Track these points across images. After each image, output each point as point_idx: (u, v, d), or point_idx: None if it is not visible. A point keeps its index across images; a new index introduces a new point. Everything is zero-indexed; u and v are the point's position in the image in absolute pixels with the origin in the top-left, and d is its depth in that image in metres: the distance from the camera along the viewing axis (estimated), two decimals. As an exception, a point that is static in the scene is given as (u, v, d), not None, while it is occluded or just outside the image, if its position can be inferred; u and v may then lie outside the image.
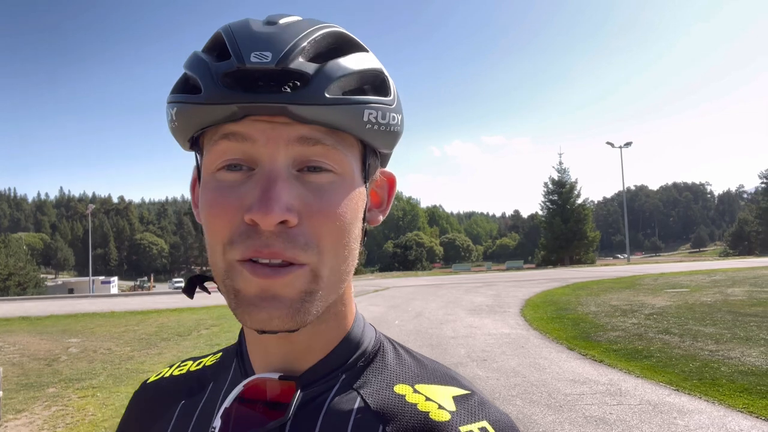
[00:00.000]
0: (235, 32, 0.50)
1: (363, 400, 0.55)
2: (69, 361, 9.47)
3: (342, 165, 0.52)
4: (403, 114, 0.57)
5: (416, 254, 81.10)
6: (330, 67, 0.49)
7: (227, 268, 0.50)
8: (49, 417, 6.16)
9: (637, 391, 6.11)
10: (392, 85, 0.56)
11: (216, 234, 0.50)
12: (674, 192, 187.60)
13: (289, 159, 0.50)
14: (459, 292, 20.34)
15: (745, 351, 7.64)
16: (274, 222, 0.47)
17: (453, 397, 0.55)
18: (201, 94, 0.49)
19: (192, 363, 0.71)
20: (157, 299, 24.24)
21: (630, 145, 55.92)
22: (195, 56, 0.52)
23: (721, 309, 11.72)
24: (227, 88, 0.48)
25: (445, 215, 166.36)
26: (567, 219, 53.66)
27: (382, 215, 0.61)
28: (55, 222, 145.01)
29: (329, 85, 0.48)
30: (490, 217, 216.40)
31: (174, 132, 0.54)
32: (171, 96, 0.53)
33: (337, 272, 0.52)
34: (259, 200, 0.47)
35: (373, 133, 0.53)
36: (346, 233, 0.52)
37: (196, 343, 10.81)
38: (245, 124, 0.49)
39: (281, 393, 0.56)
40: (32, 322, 15.63)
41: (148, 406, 0.67)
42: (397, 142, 0.58)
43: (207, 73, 0.49)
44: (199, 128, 0.51)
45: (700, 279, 19.61)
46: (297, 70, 0.48)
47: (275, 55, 0.47)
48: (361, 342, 0.60)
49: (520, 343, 9.34)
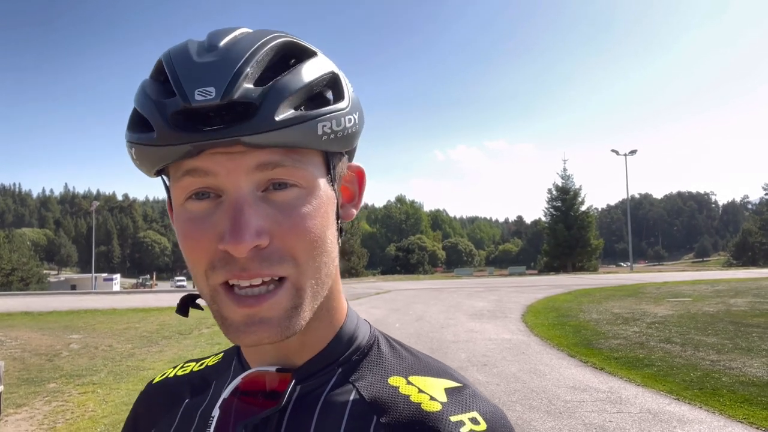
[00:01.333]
0: (176, 64, 0.50)
1: (358, 393, 0.57)
2: (70, 357, 9.50)
3: (305, 179, 0.52)
4: (360, 109, 0.57)
5: (418, 258, 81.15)
6: (277, 88, 0.49)
7: (212, 293, 0.52)
8: (50, 412, 6.18)
9: (637, 400, 6.10)
10: (345, 84, 0.55)
11: (196, 263, 0.52)
12: (678, 201, 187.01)
13: (251, 185, 0.50)
14: (460, 296, 20.32)
15: (746, 362, 7.61)
16: (246, 249, 0.49)
17: (445, 389, 0.57)
18: (155, 135, 0.49)
19: (195, 364, 0.74)
20: (159, 297, 24.29)
21: (635, 152, 55.82)
22: (142, 92, 0.52)
23: (724, 319, 11.68)
24: (178, 128, 0.48)
25: (448, 219, 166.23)
26: (570, 226, 53.56)
27: (354, 209, 0.62)
28: (59, 218, 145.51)
29: (278, 106, 0.48)
30: (493, 222, 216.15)
31: (138, 167, 0.55)
32: (127, 134, 0.53)
33: (318, 280, 0.54)
34: (230, 231, 0.49)
35: (329, 142, 0.53)
36: (319, 242, 0.53)
37: (197, 342, 10.83)
38: (204, 159, 0.50)
39: (279, 384, 0.58)
40: (34, 318, 15.68)
41: (153, 406, 0.69)
42: (358, 138, 0.58)
43: (156, 113, 0.49)
44: (159, 165, 0.52)
45: (703, 289, 19.54)
46: (242, 100, 0.48)
47: (218, 89, 0.47)
48: (356, 337, 0.62)
49: (521, 348, 9.32)
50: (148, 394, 0.72)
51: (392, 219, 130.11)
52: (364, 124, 0.59)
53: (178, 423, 0.64)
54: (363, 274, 54.70)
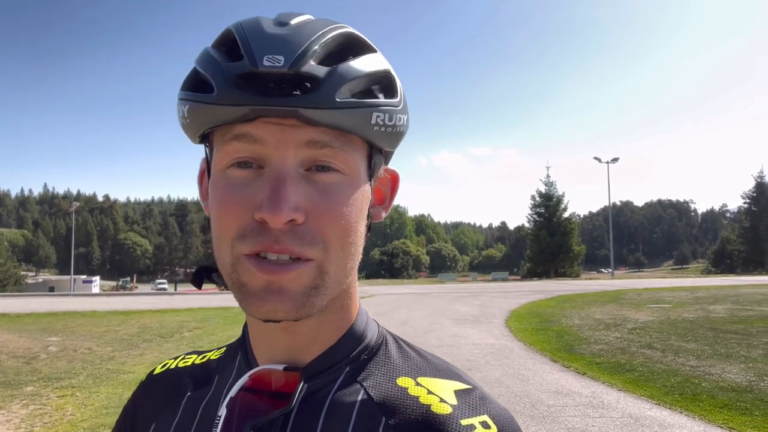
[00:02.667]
0: (248, 32, 0.51)
1: (366, 393, 0.56)
2: (48, 360, 9.32)
3: (349, 165, 0.53)
4: (408, 114, 0.58)
5: (403, 262, 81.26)
6: (340, 71, 0.50)
7: (234, 262, 0.51)
8: (27, 416, 6.05)
9: (619, 404, 6.15)
10: (399, 85, 0.57)
11: (226, 229, 0.51)
12: (659, 209, 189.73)
13: (297, 160, 0.51)
14: (444, 301, 20.37)
15: (725, 367, 7.73)
16: (282, 221, 0.48)
17: (455, 392, 0.56)
18: (213, 94, 0.50)
19: (196, 356, 0.72)
20: (139, 300, 23.99)
21: (617, 160, 56.61)
22: (207, 54, 0.53)
23: (703, 325, 11.85)
24: (240, 90, 0.48)
25: (433, 225, 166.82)
26: (553, 232, 54.05)
27: (384, 211, 0.63)
28: (38, 219, 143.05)
29: (339, 88, 0.49)
30: (477, 228, 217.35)
31: (185, 128, 0.55)
32: (182, 93, 0.53)
33: (342, 268, 0.54)
34: (269, 200, 0.49)
35: (380, 134, 0.54)
36: (352, 231, 0.53)
37: (178, 345, 10.70)
38: (256, 126, 0.50)
39: (285, 384, 0.57)
40: (11, 320, 15.37)
41: (155, 397, 0.68)
42: (402, 141, 0.59)
43: (219, 74, 0.50)
44: (210, 126, 0.52)
45: (683, 295, 19.83)
46: (308, 73, 0.48)
47: (287, 58, 0.48)
48: (365, 335, 0.61)
49: (504, 353, 9.36)
50: (150, 385, 0.70)
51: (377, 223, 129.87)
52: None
53: (181, 416, 0.63)
54: (347, 279, 54.55)
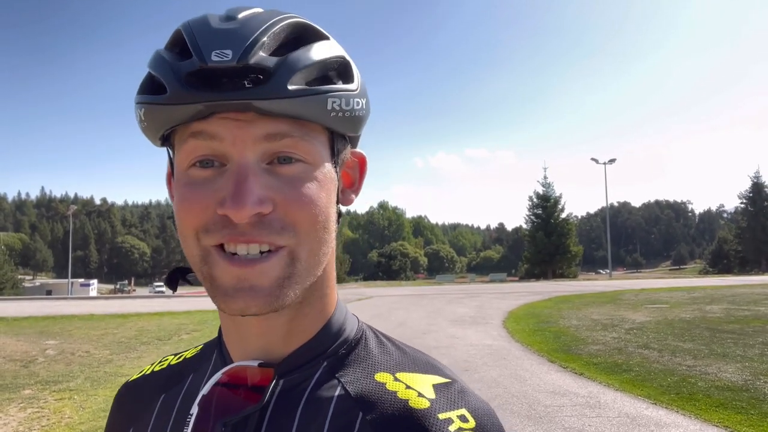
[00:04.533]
0: (195, 30, 0.51)
1: (343, 388, 0.56)
2: (46, 363, 9.32)
3: (311, 154, 0.53)
4: (367, 97, 0.58)
5: (400, 264, 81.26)
6: (291, 59, 0.50)
7: (203, 254, 0.51)
8: (25, 419, 6.05)
9: (615, 404, 6.18)
10: (355, 70, 0.57)
11: (189, 223, 0.51)
12: (656, 209, 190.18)
13: (257, 155, 0.51)
14: (442, 302, 20.38)
15: (721, 367, 7.76)
16: (246, 216, 0.49)
17: (433, 385, 0.56)
18: (167, 94, 0.50)
19: (173, 357, 0.72)
20: (137, 303, 23.95)
21: (614, 161, 56.74)
22: (158, 56, 0.53)
23: (700, 325, 11.90)
24: (192, 87, 0.49)
25: (430, 226, 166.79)
26: (551, 233, 54.10)
27: (354, 194, 0.62)
28: (35, 222, 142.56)
29: (291, 77, 0.49)
30: (475, 229, 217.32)
31: (144, 131, 0.55)
32: (138, 96, 0.54)
33: (315, 254, 0.53)
34: (232, 195, 0.49)
35: (338, 120, 0.53)
36: (322, 216, 0.53)
37: (176, 348, 10.70)
38: (212, 123, 0.50)
39: (261, 379, 0.57)
40: (9, 323, 15.34)
41: (131, 404, 0.68)
42: (364, 125, 0.59)
43: (170, 73, 0.50)
44: (167, 127, 0.52)
45: (680, 296, 19.89)
46: (258, 65, 0.48)
47: (235, 52, 0.48)
48: (343, 329, 0.61)
49: (502, 354, 9.38)
50: (125, 394, 0.70)
51: (374, 225, 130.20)
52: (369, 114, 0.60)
53: (155, 418, 0.63)
54: (345, 280, 54.58)
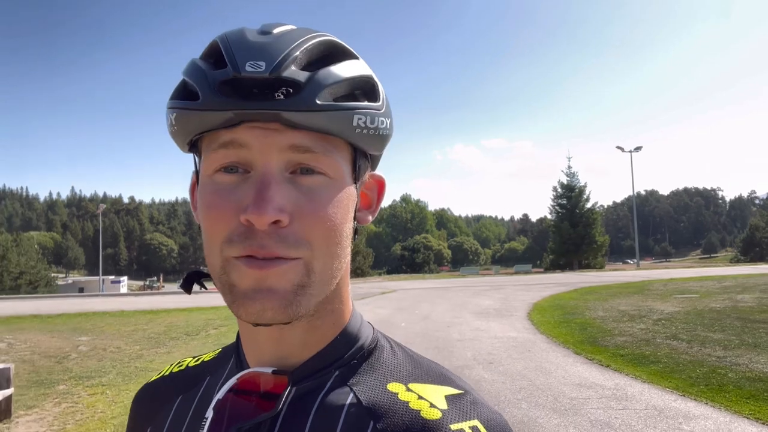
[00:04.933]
0: (231, 41, 0.53)
1: (355, 396, 0.56)
2: (79, 359, 9.58)
3: (332, 168, 0.54)
4: (391, 118, 0.60)
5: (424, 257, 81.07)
6: (321, 75, 0.52)
7: (223, 264, 0.53)
8: (59, 414, 6.25)
9: (643, 396, 6.10)
10: (381, 90, 0.58)
11: (214, 234, 0.53)
12: (685, 197, 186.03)
13: (281, 164, 0.52)
14: (466, 295, 20.32)
15: (753, 357, 7.60)
16: (267, 222, 0.50)
17: (445, 396, 0.56)
18: (199, 100, 0.52)
19: (191, 360, 0.74)
20: (166, 299, 24.39)
21: (640, 149, 55.53)
22: (193, 64, 0.55)
23: (730, 315, 11.64)
24: (224, 95, 0.50)
25: (454, 218, 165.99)
26: (576, 223, 53.36)
27: (371, 215, 0.63)
28: (66, 221, 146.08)
29: (320, 92, 0.51)
30: (499, 221, 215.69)
31: (173, 135, 0.57)
32: (170, 102, 0.56)
33: (329, 268, 0.55)
34: (254, 201, 0.50)
35: (362, 137, 0.55)
36: (337, 232, 0.54)
37: (204, 343, 10.89)
38: (241, 131, 0.52)
39: (275, 386, 0.57)
40: (43, 320, 15.78)
41: (149, 404, 0.70)
42: (386, 145, 0.61)
43: (204, 81, 0.52)
44: (197, 133, 0.54)
45: (710, 285, 19.46)
46: (289, 78, 0.50)
47: (269, 64, 0.50)
48: (357, 339, 0.62)
49: (527, 346, 9.33)
50: (144, 394, 0.72)
51: (397, 218, 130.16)
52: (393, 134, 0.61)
53: (172, 419, 0.65)
54: (368, 274, 54.70)
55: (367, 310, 15.65)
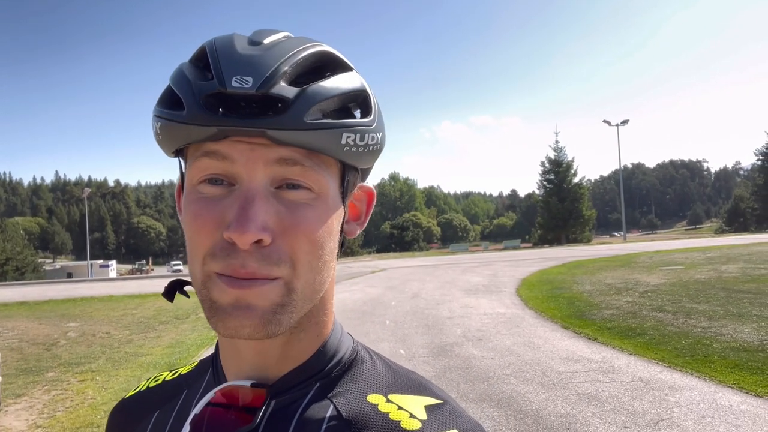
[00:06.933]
0: (219, 52, 0.51)
1: (335, 409, 0.56)
2: (68, 346, 9.53)
3: (319, 184, 0.53)
4: (384, 131, 0.58)
5: (413, 235, 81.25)
6: (310, 92, 0.50)
7: (204, 279, 0.52)
8: (49, 401, 6.22)
9: (629, 369, 6.20)
10: (374, 103, 0.57)
11: (198, 245, 0.52)
12: (671, 169, 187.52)
13: (267, 178, 0.51)
14: (456, 272, 20.45)
15: (737, 327, 7.73)
16: (249, 241, 0.49)
17: (425, 407, 0.56)
18: (184, 112, 0.50)
19: (168, 373, 0.73)
20: (155, 282, 24.31)
21: (626, 123, 55.74)
22: (180, 72, 0.54)
23: (715, 286, 11.82)
24: (208, 110, 0.49)
25: (443, 195, 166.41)
26: (563, 198, 53.71)
27: (359, 227, 0.63)
28: (52, 206, 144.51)
29: (309, 109, 0.50)
30: (488, 197, 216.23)
31: (158, 143, 0.56)
32: (156, 109, 0.54)
33: (311, 285, 0.54)
34: (237, 219, 0.49)
35: (350, 154, 0.54)
36: (320, 248, 0.53)
37: (194, 326, 10.88)
38: (226, 144, 0.50)
39: (253, 399, 0.57)
40: (30, 307, 15.69)
41: (125, 420, 0.69)
42: (377, 158, 0.59)
43: (190, 93, 0.50)
44: (181, 144, 0.53)
45: (695, 256, 19.74)
46: (277, 95, 0.49)
47: (256, 80, 0.48)
48: (338, 351, 0.61)
49: (516, 322, 9.42)
50: (120, 410, 0.71)
51: (386, 197, 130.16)
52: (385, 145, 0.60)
53: None
54: (358, 253, 54.85)
55: (358, 290, 15.71)
